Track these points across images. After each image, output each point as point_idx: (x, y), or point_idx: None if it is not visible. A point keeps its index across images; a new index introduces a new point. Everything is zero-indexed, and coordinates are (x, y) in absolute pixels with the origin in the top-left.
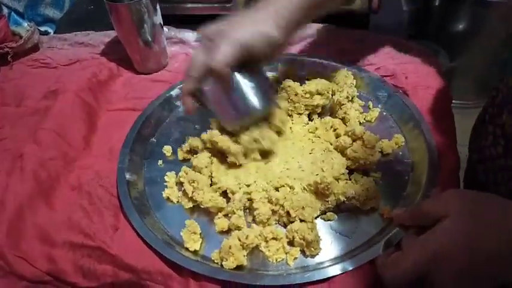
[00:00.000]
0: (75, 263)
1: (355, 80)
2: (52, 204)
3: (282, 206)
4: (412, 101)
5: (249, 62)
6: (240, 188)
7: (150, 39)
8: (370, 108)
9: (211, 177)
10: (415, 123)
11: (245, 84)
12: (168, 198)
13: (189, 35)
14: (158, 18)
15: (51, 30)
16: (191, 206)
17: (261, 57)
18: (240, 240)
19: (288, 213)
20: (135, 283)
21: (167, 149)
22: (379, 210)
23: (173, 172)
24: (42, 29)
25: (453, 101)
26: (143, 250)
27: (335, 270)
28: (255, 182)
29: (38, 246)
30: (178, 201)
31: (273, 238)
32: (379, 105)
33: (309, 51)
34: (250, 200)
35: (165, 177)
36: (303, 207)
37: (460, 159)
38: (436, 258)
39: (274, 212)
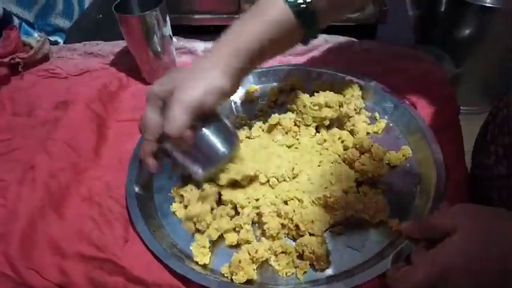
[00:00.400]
0: (86, 275)
1: (361, 91)
2: (63, 215)
3: (291, 219)
4: (419, 111)
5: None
6: (249, 203)
7: (159, 50)
8: (376, 119)
9: (219, 193)
10: (421, 134)
11: (208, 133)
12: (175, 212)
13: (198, 45)
14: (168, 30)
15: (60, 40)
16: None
17: (213, 107)
18: (249, 254)
19: (297, 226)
20: None
21: None
22: (388, 223)
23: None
24: (52, 38)
25: None
26: (153, 263)
27: (345, 284)
28: (263, 195)
29: (50, 258)
30: None
31: (283, 252)
32: (386, 117)
33: (315, 62)
34: (258, 214)
35: (172, 192)
36: (312, 221)
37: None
38: (444, 273)
39: (283, 226)
